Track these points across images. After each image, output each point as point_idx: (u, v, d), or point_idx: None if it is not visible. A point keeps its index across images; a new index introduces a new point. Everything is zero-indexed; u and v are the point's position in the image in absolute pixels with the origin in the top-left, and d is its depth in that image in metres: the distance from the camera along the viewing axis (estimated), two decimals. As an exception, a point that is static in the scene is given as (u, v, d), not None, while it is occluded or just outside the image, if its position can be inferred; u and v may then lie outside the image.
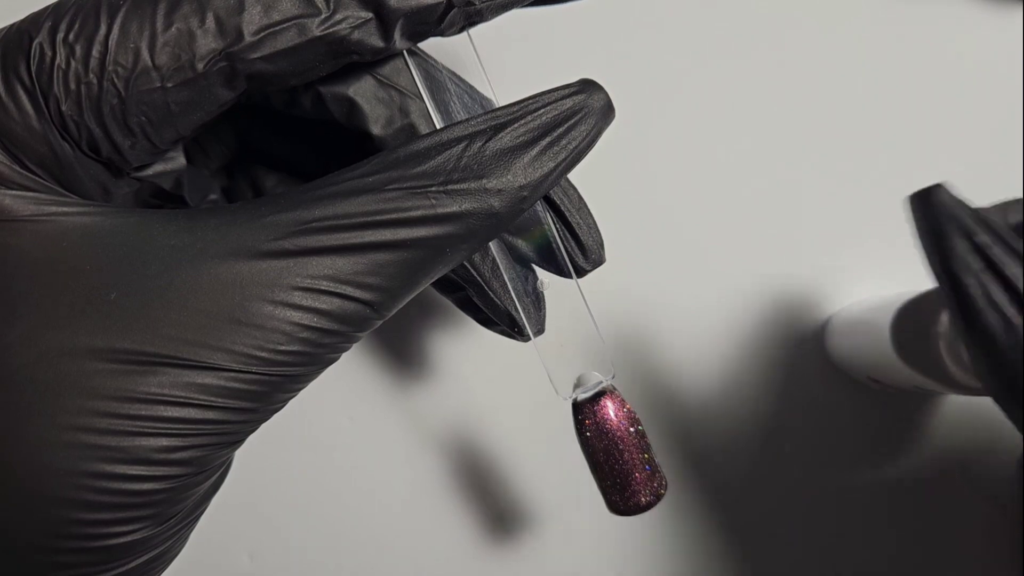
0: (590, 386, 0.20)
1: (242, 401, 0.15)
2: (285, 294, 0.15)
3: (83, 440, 0.14)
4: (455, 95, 0.20)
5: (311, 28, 0.16)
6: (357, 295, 0.16)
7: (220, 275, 0.15)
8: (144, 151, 0.17)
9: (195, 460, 0.15)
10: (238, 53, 0.16)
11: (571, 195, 0.21)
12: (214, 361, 0.15)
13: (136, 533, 0.15)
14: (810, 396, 0.28)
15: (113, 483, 0.14)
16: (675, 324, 0.29)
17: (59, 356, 0.14)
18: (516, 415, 0.28)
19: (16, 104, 0.15)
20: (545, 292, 0.21)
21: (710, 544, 0.28)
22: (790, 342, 0.28)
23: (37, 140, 0.16)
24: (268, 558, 0.29)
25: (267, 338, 0.15)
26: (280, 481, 0.29)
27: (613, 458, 0.20)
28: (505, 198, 0.16)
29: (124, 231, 0.15)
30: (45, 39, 0.15)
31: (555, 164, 0.17)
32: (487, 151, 0.16)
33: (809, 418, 0.28)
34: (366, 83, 0.19)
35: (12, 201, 0.15)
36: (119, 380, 0.14)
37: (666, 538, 0.28)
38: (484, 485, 0.28)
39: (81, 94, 0.15)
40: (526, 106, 0.17)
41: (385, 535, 0.29)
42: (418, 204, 0.16)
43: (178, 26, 0.16)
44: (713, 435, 0.28)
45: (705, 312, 0.29)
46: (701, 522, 0.28)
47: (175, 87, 0.16)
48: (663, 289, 0.29)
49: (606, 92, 0.17)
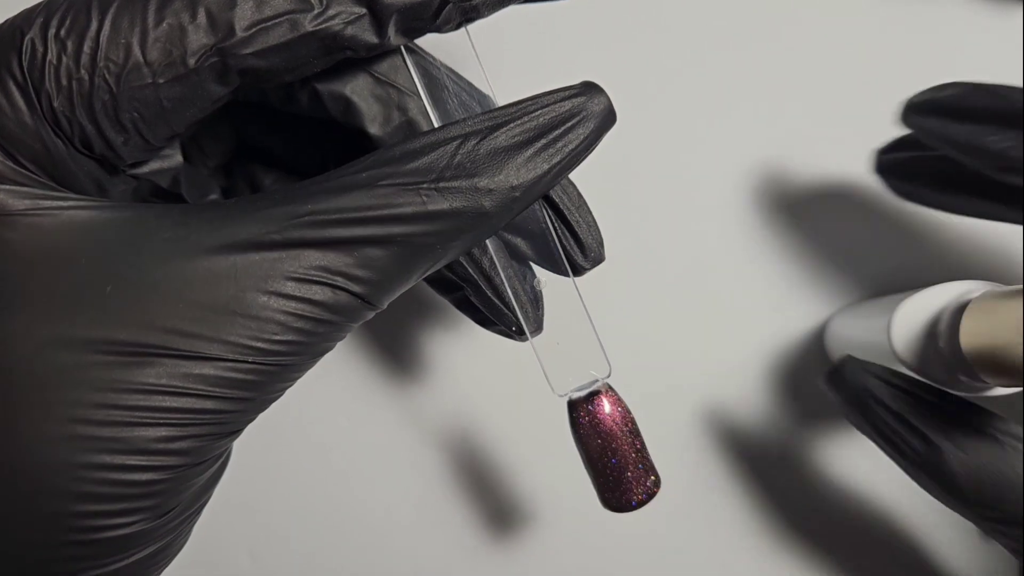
0: (585, 384, 0.21)
1: (238, 391, 0.15)
2: (279, 285, 0.15)
3: (81, 432, 0.14)
4: (453, 93, 0.20)
5: (303, 23, 0.16)
6: (349, 287, 0.16)
7: (214, 267, 0.15)
8: (138, 148, 0.17)
9: (193, 450, 0.15)
10: (229, 48, 0.16)
11: (570, 193, 0.21)
12: (210, 351, 0.15)
13: (136, 525, 0.15)
14: (809, 396, 0.28)
15: (112, 474, 0.15)
16: (672, 323, 0.29)
17: (55, 349, 0.15)
18: (513, 413, 0.28)
19: (8, 100, 0.15)
20: (542, 290, 0.22)
21: (705, 542, 0.28)
22: (789, 342, 0.28)
23: (30, 136, 0.16)
24: (268, 558, 0.29)
25: (262, 328, 0.15)
26: (280, 481, 0.29)
27: (607, 456, 0.20)
28: (496, 198, 0.16)
29: (119, 225, 0.16)
30: (37, 35, 0.15)
31: (549, 166, 0.17)
32: (481, 150, 0.16)
33: (808, 417, 0.28)
34: (363, 81, 0.19)
35: (6, 196, 0.15)
36: (116, 372, 0.15)
37: (660, 535, 0.28)
38: (481, 483, 0.28)
39: (73, 90, 0.16)
40: (524, 107, 0.17)
41: (384, 534, 0.29)
42: (409, 201, 0.16)
43: (169, 21, 0.16)
44: (710, 434, 0.28)
45: (702, 312, 0.29)
46: (696, 520, 0.28)
47: (167, 83, 0.16)
48: (661, 288, 0.29)
49: (607, 96, 0.17)
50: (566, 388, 0.21)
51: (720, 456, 0.28)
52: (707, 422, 0.28)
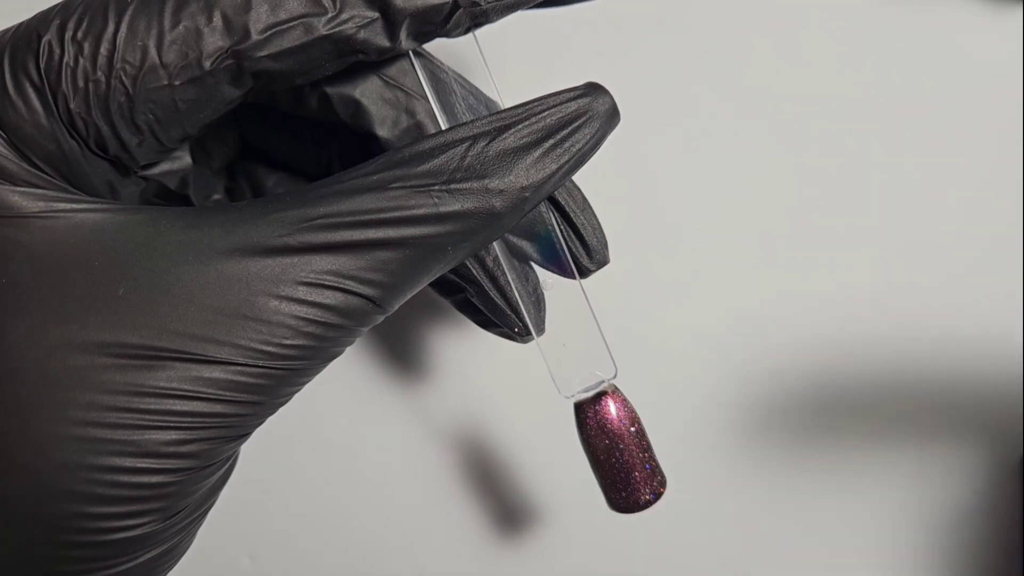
0: (592, 386, 0.21)
1: (249, 394, 0.15)
2: (290, 289, 0.15)
3: (93, 434, 0.14)
4: (460, 96, 0.20)
5: (317, 27, 0.16)
6: (360, 290, 0.16)
7: (226, 271, 0.15)
8: (151, 149, 0.17)
9: (203, 453, 0.15)
10: (245, 51, 0.16)
11: (575, 196, 0.21)
12: (221, 355, 0.15)
13: (144, 527, 0.15)
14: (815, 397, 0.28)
15: (123, 476, 0.15)
16: (676, 324, 0.29)
17: (68, 351, 0.15)
18: (518, 414, 0.28)
19: (25, 101, 0.16)
20: (548, 292, 0.22)
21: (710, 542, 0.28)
22: (791, 343, 0.29)
23: (45, 137, 0.16)
24: (268, 559, 0.29)
25: (273, 332, 0.15)
26: (281, 482, 0.29)
27: (614, 457, 0.20)
28: (507, 198, 0.16)
29: (132, 228, 0.16)
30: (54, 37, 0.16)
31: (558, 166, 0.17)
32: (490, 151, 0.16)
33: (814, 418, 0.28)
34: (373, 84, 0.19)
35: (20, 198, 0.15)
36: (128, 375, 0.15)
37: (666, 535, 0.28)
38: (486, 485, 0.29)
39: (89, 92, 0.16)
40: (531, 108, 0.17)
41: (386, 536, 0.29)
42: (421, 202, 0.16)
43: (185, 24, 0.16)
44: (714, 434, 0.29)
45: (707, 313, 0.29)
46: (702, 521, 0.28)
47: (182, 85, 0.16)
48: (665, 290, 0.29)
49: (611, 96, 0.18)
50: (572, 389, 0.21)
51: (726, 457, 0.28)
52: (713, 423, 0.28)
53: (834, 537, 0.28)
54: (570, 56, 0.29)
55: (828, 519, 0.28)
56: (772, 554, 0.28)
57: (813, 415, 0.28)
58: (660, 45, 0.29)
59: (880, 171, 0.29)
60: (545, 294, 0.22)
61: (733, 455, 0.28)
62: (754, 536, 0.28)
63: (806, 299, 0.29)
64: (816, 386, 0.28)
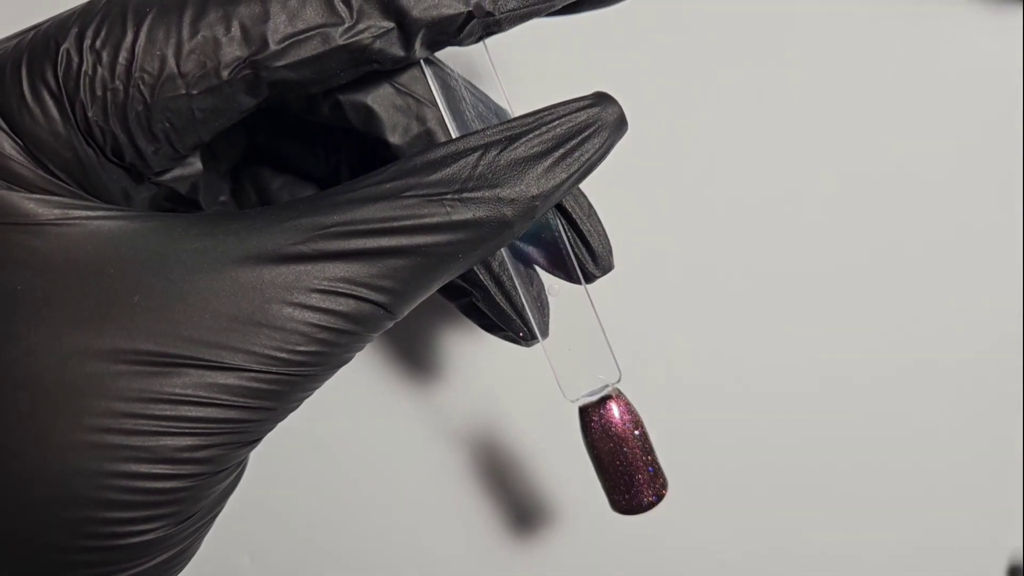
0: (596, 390, 0.21)
1: (262, 400, 0.16)
2: (304, 296, 0.16)
3: (109, 441, 0.15)
4: (470, 104, 0.20)
5: (334, 37, 0.16)
6: (372, 297, 0.16)
7: (240, 278, 0.15)
8: (166, 156, 0.17)
9: (216, 458, 0.16)
10: (263, 61, 0.16)
11: (582, 203, 0.21)
12: (235, 362, 0.15)
13: (156, 532, 0.16)
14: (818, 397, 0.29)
15: (138, 482, 0.15)
16: (680, 330, 0.29)
17: (83, 358, 0.15)
18: (523, 418, 0.28)
19: (42, 109, 0.16)
20: (553, 297, 0.22)
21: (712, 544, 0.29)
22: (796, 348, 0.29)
23: (62, 145, 0.16)
24: (269, 560, 0.29)
25: (286, 339, 0.15)
26: (282, 483, 0.29)
27: (617, 460, 0.21)
28: (518, 207, 0.17)
29: (146, 235, 0.16)
30: (72, 45, 0.16)
31: (567, 175, 0.17)
32: (501, 161, 0.17)
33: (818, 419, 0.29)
34: (384, 91, 0.19)
35: (36, 205, 0.15)
36: (143, 381, 0.15)
37: (668, 537, 0.28)
38: (488, 488, 0.29)
39: (107, 100, 0.16)
40: (541, 117, 0.17)
41: (388, 538, 0.29)
42: (434, 211, 0.16)
43: (204, 34, 0.16)
44: (716, 438, 0.29)
45: (710, 318, 0.29)
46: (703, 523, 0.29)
47: (200, 94, 0.16)
48: (669, 296, 0.29)
49: (619, 105, 0.18)
50: (577, 393, 0.21)
51: (728, 460, 0.29)
52: (715, 427, 0.29)
53: (834, 539, 0.29)
54: (578, 63, 0.29)
55: (829, 522, 0.29)
56: (772, 556, 0.29)
57: (815, 418, 0.29)
58: (669, 53, 0.29)
59: (880, 171, 0.29)
60: (551, 299, 0.22)
61: (735, 458, 0.29)
62: (754, 538, 0.29)
63: (812, 305, 0.29)
64: (819, 390, 0.29)
